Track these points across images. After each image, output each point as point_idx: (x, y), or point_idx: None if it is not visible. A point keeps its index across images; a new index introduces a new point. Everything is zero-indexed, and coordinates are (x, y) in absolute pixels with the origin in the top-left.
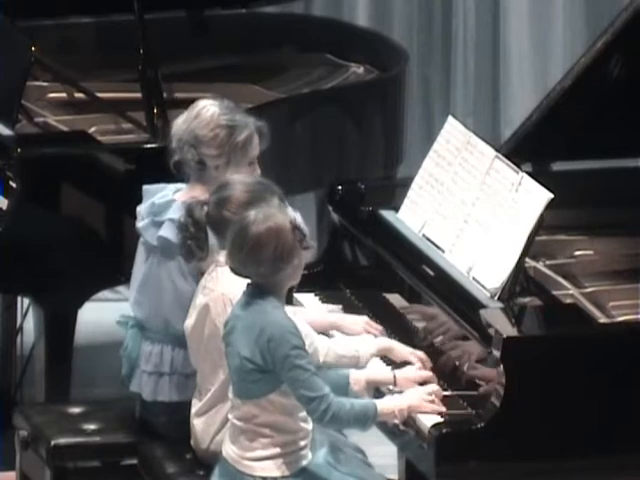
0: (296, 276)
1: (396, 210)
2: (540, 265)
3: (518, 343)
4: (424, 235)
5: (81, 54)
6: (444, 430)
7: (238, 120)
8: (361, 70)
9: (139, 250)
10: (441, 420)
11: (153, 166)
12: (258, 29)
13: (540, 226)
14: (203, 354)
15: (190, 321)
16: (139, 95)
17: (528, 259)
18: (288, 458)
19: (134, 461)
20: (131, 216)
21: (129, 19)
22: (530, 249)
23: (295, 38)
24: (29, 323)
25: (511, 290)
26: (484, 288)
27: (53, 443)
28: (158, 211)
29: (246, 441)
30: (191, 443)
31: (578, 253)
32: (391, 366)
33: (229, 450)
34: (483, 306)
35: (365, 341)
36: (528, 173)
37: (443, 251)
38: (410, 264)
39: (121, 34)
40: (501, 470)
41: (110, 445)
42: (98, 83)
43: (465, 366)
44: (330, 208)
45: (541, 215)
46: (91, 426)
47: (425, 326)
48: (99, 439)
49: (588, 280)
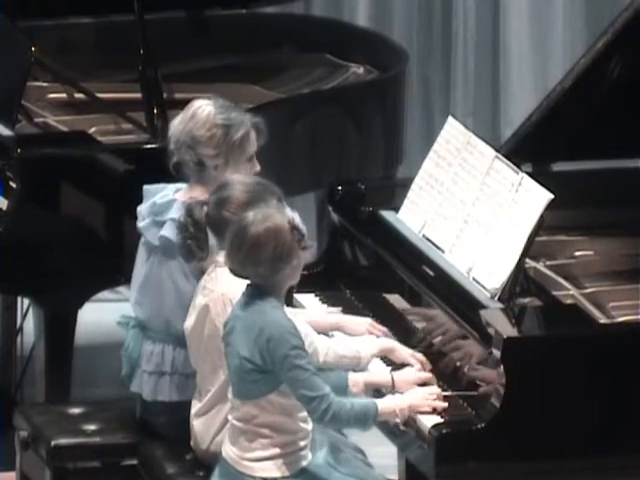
0: (295, 276)
1: (396, 210)
2: (540, 265)
3: (518, 343)
4: (424, 235)
5: (81, 54)
6: (444, 430)
7: (234, 118)
8: (361, 70)
9: (140, 250)
10: (441, 420)
11: (153, 166)
12: (258, 29)
13: (540, 226)
14: (203, 355)
15: (190, 321)
16: (139, 95)
17: (528, 259)
18: (288, 458)
19: (134, 461)
20: (131, 216)
21: (129, 19)
22: (530, 249)
23: (295, 38)
24: (29, 323)
25: (511, 290)
26: (484, 288)
27: (53, 443)
28: (159, 211)
29: (246, 442)
30: (191, 444)
31: (578, 253)
32: (390, 367)
33: (229, 451)
34: (483, 306)
35: (366, 341)
36: (528, 173)
37: (443, 251)
38: (410, 264)
39: (121, 34)
40: (501, 470)
41: (110, 445)
42: (98, 83)
43: (465, 367)
44: (330, 208)
45: (541, 215)
46: (91, 426)
47: (425, 327)
48: (99, 439)
49: (588, 280)
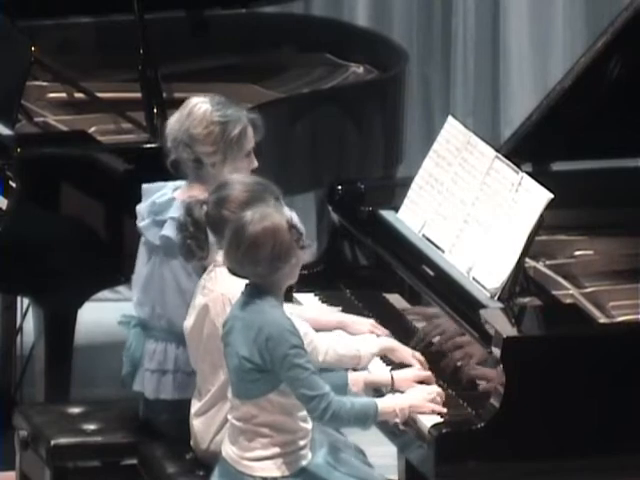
0: (294, 275)
1: (396, 210)
2: (540, 265)
3: (518, 343)
4: (424, 235)
5: (81, 54)
6: (444, 430)
7: (230, 115)
8: (361, 70)
9: (141, 250)
10: (441, 420)
11: (153, 166)
12: (258, 29)
13: (540, 226)
14: (202, 354)
15: (189, 321)
16: (139, 95)
17: (528, 259)
18: (288, 458)
19: (134, 461)
20: (131, 216)
21: (129, 19)
22: (530, 249)
23: (295, 38)
24: (29, 323)
25: (511, 290)
26: (484, 288)
27: (53, 443)
28: (159, 210)
29: (245, 441)
30: (191, 443)
31: (578, 253)
32: (390, 367)
33: (229, 450)
34: (483, 306)
35: (367, 340)
36: (528, 173)
37: (443, 251)
38: (410, 264)
39: (121, 34)
40: (501, 470)
41: (110, 445)
42: (98, 83)
43: (465, 367)
44: (330, 208)
45: (541, 215)
46: (91, 426)
47: (425, 326)
48: (99, 439)
49: (588, 280)
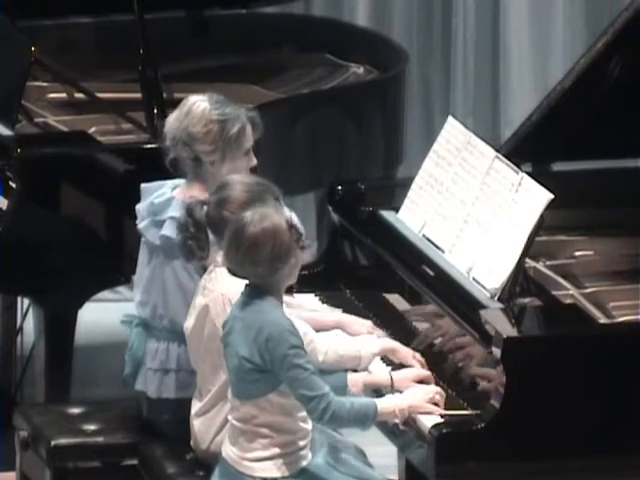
0: (293, 276)
1: (396, 210)
2: (540, 265)
3: (518, 343)
4: (424, 235)
5: (81, 54)
6: (444, 430)
7: (229, 113)
8: (361, 70)
9: (141, 250)
10: (441, 420)
11: (153, 166)
12: (258, 29)
13: (540, 226)
14: (203, 355)
15: (190, 322)
16: (139, 95)
17: (528, 259)
18: (288, 458)
19: (134, 461)
20: (131, 216)
21: (129, 19)
22: (530, 249)
23: (295, 38)
24: (29, 323)
25: (511, 290)
26: (484, 288)
27: (53, 443)
28: (157, 210)
29: (245, 442)
30: (191, 443)
31: (578, 253)
32: (390, 367)
33: (229, 451)
34: (483, 306)
35: (367, 341)
36: (528, 173)
37: (443, 251)
38: (410, 264)
39: (121, 34)
40: (501, 470)
41: (110, 445)
42: (98, 83)
43: (466, 367)
44: (330, 208)
45: (541, 215)
46: (91, 426)
47: (425, 327)
48: (99, 439)
49: (588, 280)
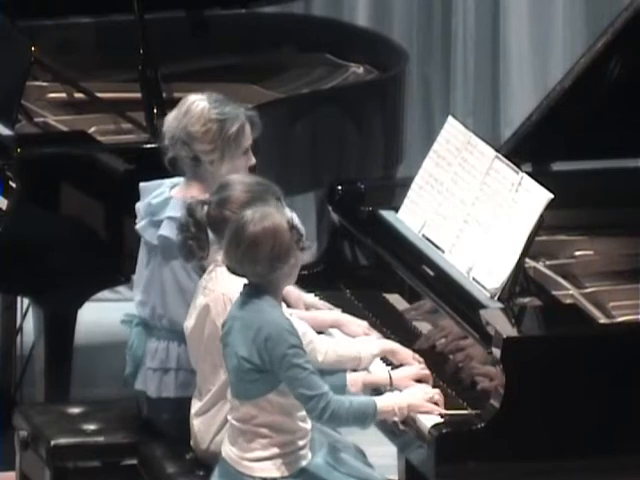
0: (293, 276)
1: (396, 210)
2: (540, 265)
3: (518, 343)
4: (424, 235)
5: (81, 54)
6: (444, 430)
7: (228, 112)
8: (361, 70)
9: (141, 250)
10: (441, 420)
11: (153, 166)
12: (258, 29)
13: (540, 226)
14: (203, 354)
15: (190, 322)
16: (139, 95)
17: (528, 259)
18: (287, 458)
19: (134, 461)
20: (131, 216)
21: (129, 19)
22: (530, 249)
23: (295, 38)
24: (29, 323)
25: (511, 290)
26: (484, 288)
27: (53, 443)
28: (155, 210)
29: (245, 442)
30: (191, 443)
31: (578, 253)
32: (390, 366)
33: (228, 451)
34: (483, 306)
35: (367, 342)
36: (528, 173)
37: (443, 251)
38: (410, 264)
39: (121, 34)
40: (501, 470)
41: (110, 445)
42: (98, 83)
43: (466, 367)
44: (330, 208)
45: (541, 215)
46: (91, 426)
47: (425, 327)
48: (99, 439)
49: (588, 280)
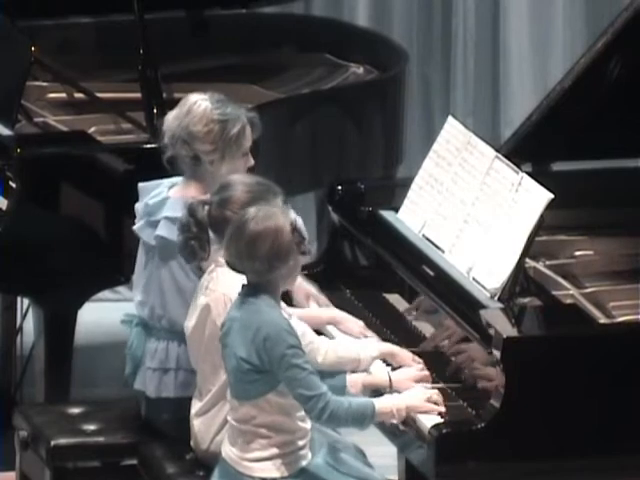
0: (292, 278)
1: (396, 210)
2: (540, 265)
3: (518, 343)
4: (424, 235)
5: (81, 54)
6: (444, 430)
7: (230, 113)
8: (361, 70)
9: (140, 251)
10: (441, 420)
11: (153, 166)
12: (258, 29)
13: (540, 226)
14: (203, 355)
15: (191, 322)
16: (139, 95)
17: (528, 259)
18: (287, 458)
19: (134, 461)
20: (131, 216)
21: (129, 19)
22: (530, 249)
23: (295, 38)
24: (29, 323)
25: (511, 290)
26: (484, 288)
27: (53, 443)
28: (152, 211)
29: (245, 442)
30: (191, 443)
31: (578, 253)
32: (389, 367)
33: (228, 451)
34: (483, 306)
35: (367, 344)
36: (528, 173)
37: (443, 251)
38: (410, 264)
39: (121, 34)
40: (501, 470)
41: (110, 445)
42: (98, 83)
43: (466, 367)
44: (330, 208)
45: (541, 215)
46: (91, 426)
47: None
48: (99, 439)
49: (588, 280)
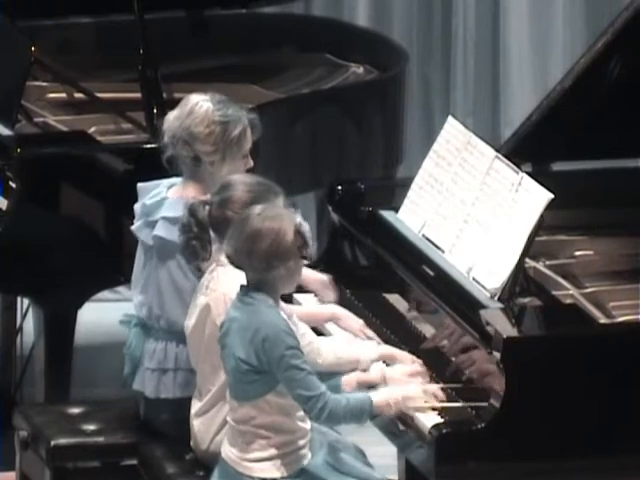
0: (291, 280)
1: (396, 210)
2: (540, 265)
3: (518, 343)
4: (424, 235)
5: (81, 54)
6: (444, 430)
7: (231, 115)
8: (361, 70)
9: (138, 251)
10: (441, 420)
11: (153, 166)
12: (258, 29)
13: (540, 226)
14: (203, 355)
15: (191, 321)
16: (139, 95)
17: (528, 259)
18: (287, 459)
19: (134, 461)
20: (130, 216)
21: (129, 19)
22: (530, 249)
23: (295, 38)
24: (29, 323)
25: (511, 290)
26: (484, 288)
27: (53, 443)
28: (150, 211)
29: (244, 443)
30: (191, 444)
31: (578, 253)
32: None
33: (228, 451)
34: (483, 306)
35: (367, 347)
36: (528, 173)
37: (443, 251)
38: (410, 264)
39: (121, 34)
40: (501, 470)
41: (110, 445)
42: (98, 83)
43: (466, 367)
44: (330, 208)
45: (541, 215)
46: (91, 426)
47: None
48: (99, 439)
49: (588, 280)
